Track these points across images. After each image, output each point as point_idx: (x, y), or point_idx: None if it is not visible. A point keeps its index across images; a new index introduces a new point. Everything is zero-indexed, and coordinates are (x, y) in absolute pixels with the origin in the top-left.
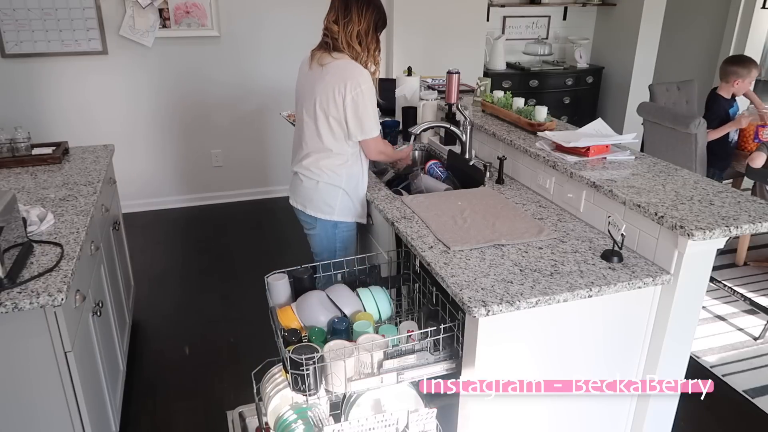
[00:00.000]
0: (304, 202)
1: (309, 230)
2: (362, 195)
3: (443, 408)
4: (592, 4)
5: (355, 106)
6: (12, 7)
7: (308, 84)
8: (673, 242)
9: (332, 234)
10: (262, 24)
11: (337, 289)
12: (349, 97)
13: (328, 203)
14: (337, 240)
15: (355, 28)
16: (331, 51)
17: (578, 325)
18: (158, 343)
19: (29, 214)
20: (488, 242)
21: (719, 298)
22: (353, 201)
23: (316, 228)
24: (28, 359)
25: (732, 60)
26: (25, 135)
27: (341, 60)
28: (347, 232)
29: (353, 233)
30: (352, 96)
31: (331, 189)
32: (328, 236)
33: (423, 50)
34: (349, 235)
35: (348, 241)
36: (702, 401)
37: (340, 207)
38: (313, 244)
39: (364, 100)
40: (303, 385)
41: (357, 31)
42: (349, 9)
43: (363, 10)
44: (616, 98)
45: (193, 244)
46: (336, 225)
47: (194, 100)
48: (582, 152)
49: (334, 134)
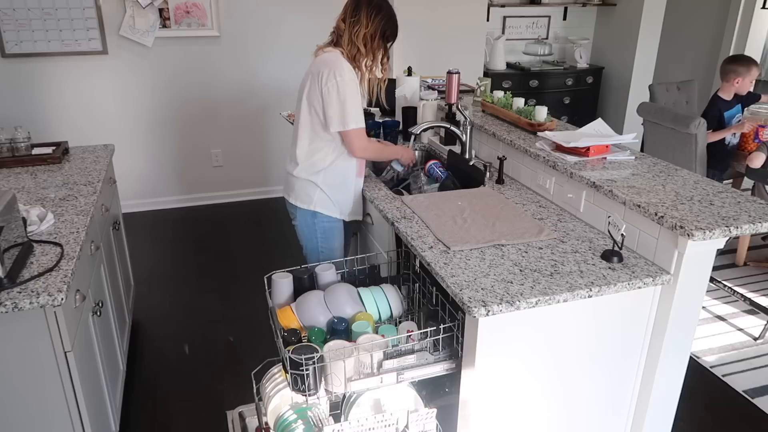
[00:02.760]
0: (288, 191)
1: (293, 221)
2: (348, 193)
3: (443, 408)
4: (592, 4)
5: (332, 95)
6: (12, 7)
7: (304, 78)
8: (673, 242)
9: (312, 223)
10: (262, 24)
11: (335, 291)
12: (327, 85)
13: (308, 193)
14: (318, 230)
15: (362, 30)
16: (333, 46)
17: (578, 325)
18: (158, 343)
19: (29, 214)
20: (488, 242)
21: (719, 298)
22: (330, 197)
23: (296, 217)
24: (28, 359)
25: (732, 59)
26: (25, 135)
27: (330, 52)
28: (327, 224)
29: (335, 226)
30: (330, 85)
31: (308, 183)
32: (308, 225)
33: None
34: (330, 227)
35: (329, 232)
36: (702, 401)
37: (318, 200)
38: (298, 236)
39: (344, 90)
40: (303, 385)
41: (363, 33)
42: (358, 10)
43: (373, 14)
44: (616, 98)
45: (193, 244)
46: (315, 215)
47: (194, 100)
48: (582, 152)
49: (314, 125)
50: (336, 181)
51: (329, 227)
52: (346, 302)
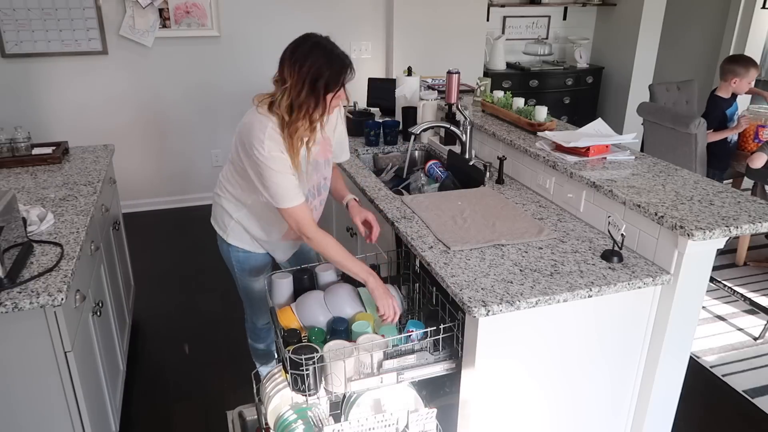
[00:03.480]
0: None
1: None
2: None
3: (443, 408)
4: (592, 4)
5: (257, 174)
6: (12, 7)
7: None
8: (673, 242)
9: (227, 251)
10: (262, 24)
11: (335, 291)
12: (250, 161)
13: (224, 221)
14: (233, 259)
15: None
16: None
17: (578, 325)
18: (158, 343)
19: (29, 214)
20: (488, 242)
21: (719, 298)
22: (250, 233)
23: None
24: (28, 359)
25: (731, 59)
26: (25, 135)
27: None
28: (243, 254)
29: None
30: (252, 162)
31: (223, 212)
32: (224, 253)
33: (423, 50)
34: (246, 257)
35: (245, 263)
36: (702, 401)
37: (232, 231)
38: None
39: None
40: (303, 385)
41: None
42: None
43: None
44: (616, 98)
45: (193, 244)
46: (229, 245)
47: (194, 100)
48: (582, 152)
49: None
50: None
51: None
52: (346, 302)
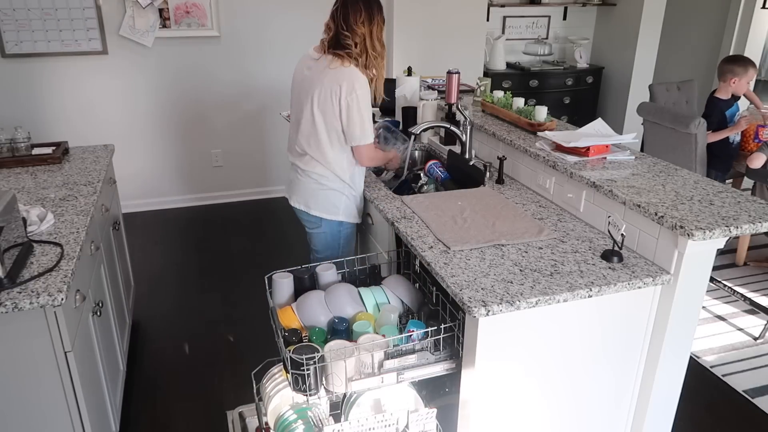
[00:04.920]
0: (307, 203)
1: (313, 229)
2: (361, 195)
3: (443, 408)
4: (592, 4)
5: (353, 112)
6: (12, 7)
7: (307, 82)
8: (673, 242)
9: (337, 232)
10: (262, 24)
11: (336, 291)
12: (348, 100)
13: (334, 204)
14: (342, 237)
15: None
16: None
17: (578, 325)
18: (158, 343)
19: (29, 214)
20: (488, 242)
21: (719, 298)
22: (354, 203)
23: (321, 227)
24: (28, 359)
25: (729, 59)
26: (25, 135)
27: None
28: (350, 230)
29: (354, 230)
30: (350, 101)
31: (335, 193)
32: (333, 234)
33: (423, 50)
34: (351, 232)
35: (350, 237)
36: (702, 401)
37: (345, 208)
38: (315, 242)
39: (364, 107)
40: (303, 385)
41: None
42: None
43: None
44: (616, 98)
45: (193, 244)
46: (341, 224)
47: (194, 99)
48: (582, 152)
49: (331, 140)
50: (353, 187)
51: (351, 233)
52: (347, 302)
